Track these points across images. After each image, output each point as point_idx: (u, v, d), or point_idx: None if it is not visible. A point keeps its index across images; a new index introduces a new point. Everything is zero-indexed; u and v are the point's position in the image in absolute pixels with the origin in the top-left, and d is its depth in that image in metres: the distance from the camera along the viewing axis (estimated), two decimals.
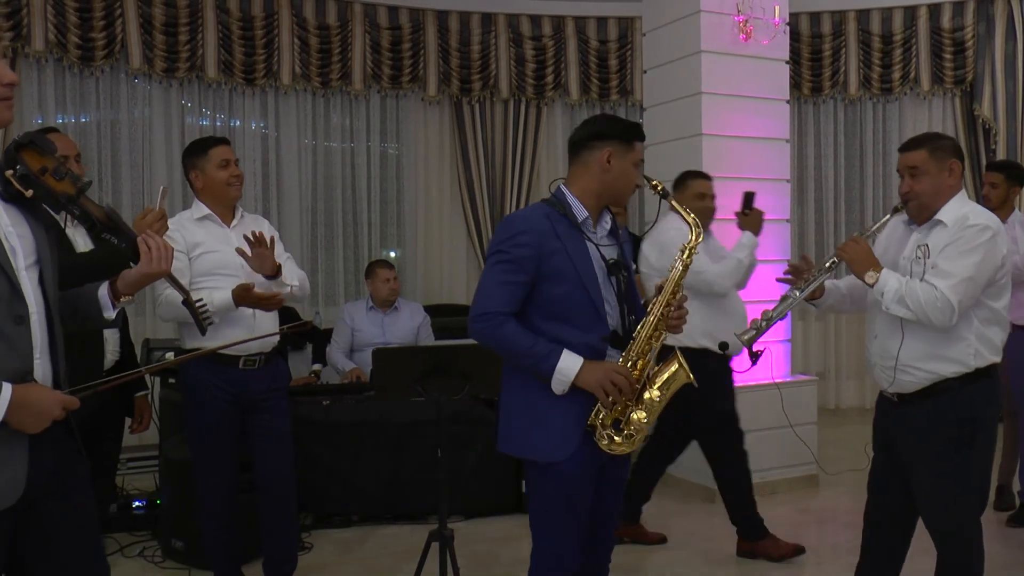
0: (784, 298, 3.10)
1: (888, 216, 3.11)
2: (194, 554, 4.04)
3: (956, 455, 2.95)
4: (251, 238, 3.39)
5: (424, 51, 7.05)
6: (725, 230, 5.32)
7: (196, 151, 3.59)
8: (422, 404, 3.64)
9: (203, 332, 2.49)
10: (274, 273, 3.44)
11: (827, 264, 3.03)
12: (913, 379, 2.95)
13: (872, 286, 2.91)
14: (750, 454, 5.26)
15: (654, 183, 2.65)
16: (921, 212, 2.97)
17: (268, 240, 3.41)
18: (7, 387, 1.85)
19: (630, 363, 2.53)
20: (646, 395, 2.56)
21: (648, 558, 4.29)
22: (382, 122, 7.15)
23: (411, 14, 7.01)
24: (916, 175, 2.96)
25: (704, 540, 4.55)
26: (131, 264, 2.21)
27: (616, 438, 2.52)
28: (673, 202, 2.67)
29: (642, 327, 2.55)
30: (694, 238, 2.64)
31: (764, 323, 3.07)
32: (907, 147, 3.05)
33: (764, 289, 5.47)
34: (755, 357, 3.03)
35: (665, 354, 2.66)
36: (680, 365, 2.58)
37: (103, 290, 2.19)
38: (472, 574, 4.02)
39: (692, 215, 2.68)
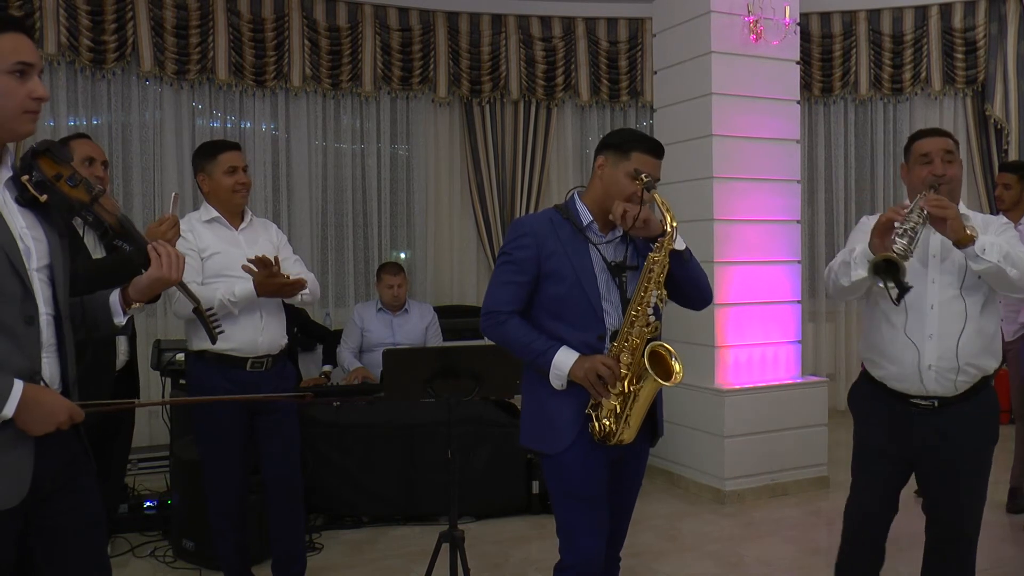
0: (905, 232, 2.61)
1: (930, 191, 2.72)
2: (205, 555, 4.06)
3: (991, 450, 2.94)
4: (255, 261, 3.41)
5: (434, 52, 7.06)
6: (743, 231, 5.33)
7: (205, 154, 3.60)
8: (432, 405, 3.64)
9: (213, 341, 2.49)
10: (293, 289, 3.51)
11: (924, 213, 2.62)
12: (968, 378, 2.81)
13: (972, 245, 2.61)
14: (760, 455, 5.26)
15: (642, 174, 2.59)
16: (949, 198, 2.77)
17: (273, 260, 3.45)
18: (18, 384, 1.89)
19: (619, 357, 2.59)
20: (630, 388, 2.59)
21: (658, 559, 4.29)
22: (392, 124, 7.16)
23: (421, 15, 7.01)
24: (951, 160, 2.87)
25: (714, 541, 4.54)
26: (142, 271, 2.24)
27: (609, 428, 2.59)
28: (655, 194, 2.60)
29: (623, 324, 2.60)
30: (670, 231, 2.58)
31: (910, 247, 2.58)
32: (937, 132, 2.93)
33: (771, 289, 5.47)
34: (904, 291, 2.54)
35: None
36: (647, 369, 2.53)
37: (114, 297, 2.22)
38: (482, 575, 4.02)
39: (670, 209, 2.59)
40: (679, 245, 2.62)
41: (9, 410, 1.87)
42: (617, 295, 2.65)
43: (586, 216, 2.69)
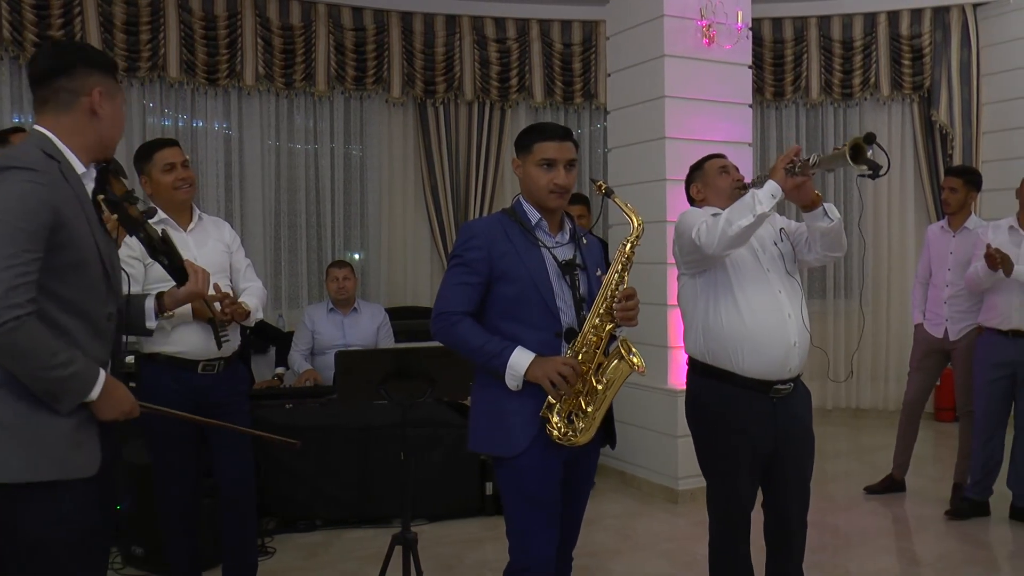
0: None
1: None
2: (154, 561, 4.00)
3: None
4: (218, 296, 3.34)
5: (388, 53, 7.03)
6: None
7: (142, 156, 3.53)
8: (386, 407, 3.62)
9: (219, 347, 3.01)
10: (243, 318, 3.44)
11: (812, 160, 2.95)
12: (807, 350, 3.04)
13: (822, 205, 2.96)
14: None
15: (598, 183, 2.76)
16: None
17: (234, 295, 3.45)
18: (102, 372, 2.11)
19: (579, 355, 2.61)
20: (595, 386, 2.61)
21: (612, 559, 4.31)
22: (346, 124, 7.12)
23: (375, 15, 6.98)
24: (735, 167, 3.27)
25: (667, 541, 4.58)
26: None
27: (565, 429, 2.59)
28: (616, 199, 2.71)
29: (587, 321, 2.63)
30: (636, 230, 2.71)
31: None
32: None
33: None
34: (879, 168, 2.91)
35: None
36: (622, 358, 2.61)
37: (150, 302, 2.48)
38: None
39: (635, 210, 2.74)
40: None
41: (95, 393, 2.08)
42: (569, 294, 2.67)
43: (534, 215, 2.72)
